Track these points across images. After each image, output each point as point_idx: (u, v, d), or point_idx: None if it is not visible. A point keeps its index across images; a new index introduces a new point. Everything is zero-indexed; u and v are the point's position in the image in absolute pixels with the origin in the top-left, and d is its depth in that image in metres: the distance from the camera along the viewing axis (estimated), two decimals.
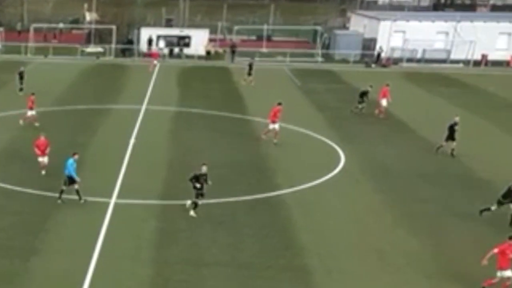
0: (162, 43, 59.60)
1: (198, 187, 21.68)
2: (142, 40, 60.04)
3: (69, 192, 22.78)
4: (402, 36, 58.67)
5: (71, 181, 22.59)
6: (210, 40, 61.80)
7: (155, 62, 52.55)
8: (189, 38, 60.33)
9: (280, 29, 69.79)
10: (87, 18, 65.64)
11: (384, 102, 36.78)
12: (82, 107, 38.21)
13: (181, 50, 60.03)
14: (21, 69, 41.95)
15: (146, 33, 60.39)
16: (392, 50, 58.66)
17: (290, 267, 18.67)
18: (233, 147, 30.45)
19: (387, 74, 51.21)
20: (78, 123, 34.46)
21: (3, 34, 62.31)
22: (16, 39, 62.40)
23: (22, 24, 70.22)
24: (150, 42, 59.37)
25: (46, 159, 25.62)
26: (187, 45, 60.10)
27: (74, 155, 22.81)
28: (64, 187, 22.70)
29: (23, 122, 33.03)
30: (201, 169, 21.80)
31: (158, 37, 59.95)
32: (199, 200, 21.90)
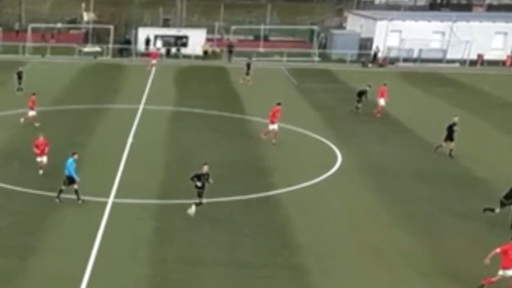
0: (159, 43, 59.70)
1: (199, 186, 21.66)
2: (140, 40, 60.09)
3: (67, 191, 22.82)
4: (399, 35, 58.80)
5: (71, 181, 22.61)
6: (208, 40, 61.88)
7: (154, 62, 52.61)
8: (186, 38, 60.43)
9: (277, 29, 69.88)
10: (85, 18, 65.55)
11: (381, 102, 36.91)
12: (80, 107, 38.26)
13: (178, 50, 60.10)
14: (19, 69, 42.01)
15: (143, 33, 60.51)
16: (388, 49, 58.79)
17: (287, 266, 18.75)
18: (230, 147, 30.52)
19: (384, 73, 51.29)
20: (76, 123, 34.51)
21: (1, 34, 62.17)
22: (14, 39, 62.44)
23: (20, 24, 70.33)
24: (148, 42, 59.47)
25: (45, 159, 25.66)
26: (185, 45, 60.19)
27: (74, 155, 22.82)
28: (63, 187, 22.73)
29: (24, 121, 33.05)
30: (202, 168, 21.74)
31: (156, 37, 60.04)
32: (202, 199, 21.80)
